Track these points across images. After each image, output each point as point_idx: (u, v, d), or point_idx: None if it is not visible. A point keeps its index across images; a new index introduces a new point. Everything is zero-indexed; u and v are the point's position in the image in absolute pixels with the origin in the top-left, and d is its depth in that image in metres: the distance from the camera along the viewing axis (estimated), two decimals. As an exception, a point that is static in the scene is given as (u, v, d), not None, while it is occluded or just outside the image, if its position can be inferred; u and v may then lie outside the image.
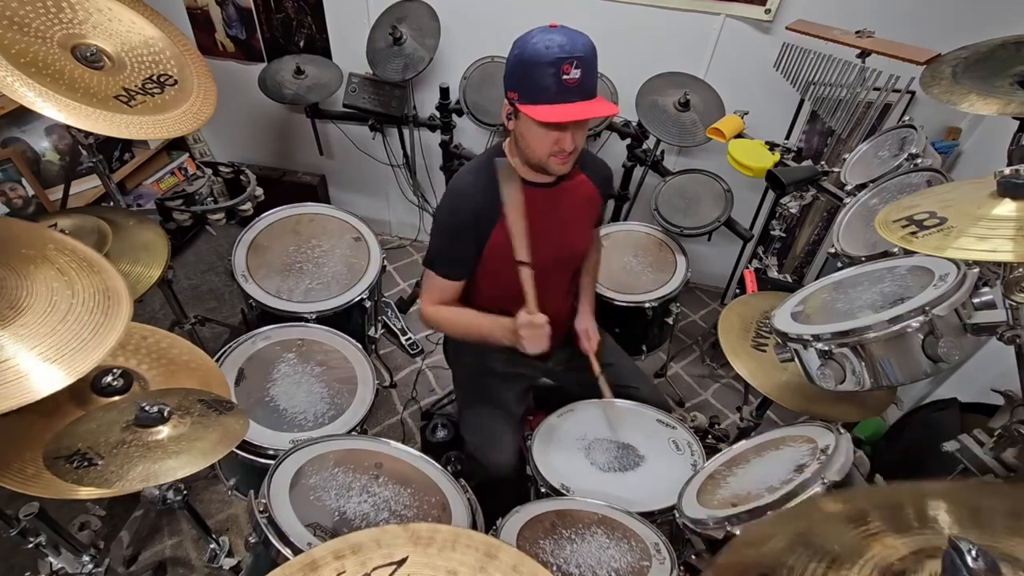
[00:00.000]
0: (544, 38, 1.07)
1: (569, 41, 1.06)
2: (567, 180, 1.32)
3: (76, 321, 0.85)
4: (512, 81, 1.14)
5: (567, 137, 1.15)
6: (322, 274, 1.79)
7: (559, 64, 1.05)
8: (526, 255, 1.18)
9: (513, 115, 1.19)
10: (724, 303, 2.86)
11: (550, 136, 1.15)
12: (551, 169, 1.22)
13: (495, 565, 0.60)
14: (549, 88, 1.08)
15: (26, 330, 0.81)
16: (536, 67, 1.07)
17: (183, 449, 0.94)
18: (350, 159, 2.89)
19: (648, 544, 1.14)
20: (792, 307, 1.19)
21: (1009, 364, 0.94)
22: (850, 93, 1.87)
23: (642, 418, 1.48)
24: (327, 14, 2.45)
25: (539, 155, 1.19)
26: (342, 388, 1.50)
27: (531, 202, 1.29)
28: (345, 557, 0.58)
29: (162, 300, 1.98)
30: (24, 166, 2.11)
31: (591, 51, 1.09)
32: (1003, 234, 0.72)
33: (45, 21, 1.29)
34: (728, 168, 1.99)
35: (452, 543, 0.61)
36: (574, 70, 1.06)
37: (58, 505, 1.06)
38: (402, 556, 0.58)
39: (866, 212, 1.48)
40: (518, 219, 1.17)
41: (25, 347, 0.79)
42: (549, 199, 1.31)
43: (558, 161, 1.19)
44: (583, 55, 1.07)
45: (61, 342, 0.82)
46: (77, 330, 0.84)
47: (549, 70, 1.06)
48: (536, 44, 1.07)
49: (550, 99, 1.09)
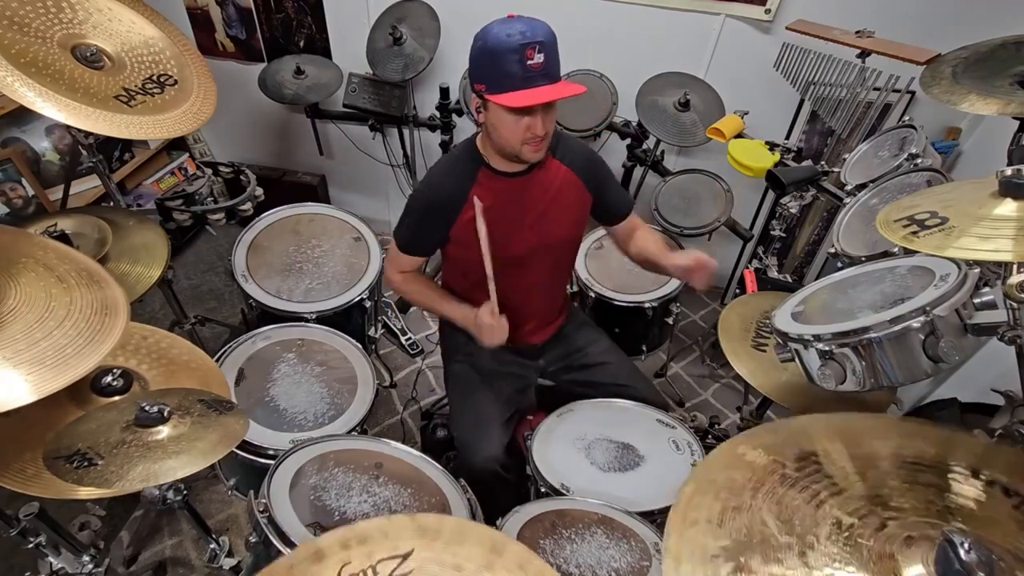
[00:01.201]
0: (504, 28, 1.09)
1: (529, 28, 1.09)
2: (539, 168, 1.33)
3: (65, 333, 0.84)
4: (478, 74, 1.16)
5: (537, 122, 1.16)
6: (322, 274, 1.78)
7: (522, 50, 1.07)
8: (490, 269, 1.26)
9: (482, 107, 1.20)
10: (724, 303, 2.85)
11: (521, 123, 1.16)
12: (525, 156, 1.23)
13: (501, 562, 0.59)
14: (515, 75, 1.10)
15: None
16: (500, 55, 1.09)
17: (183, 449, 0.94)
18: (350, 159, 2.89)
19: (648, 544, 1.14)
20: (792, 307, 1.19)
21: (1009, 364, 0.94)
22: (850, 93, 1.87)
23: (642, 418, 1.48)
24: (327, 14, 2.45)
25: (512, 143, 1.21)
26: (342, 388, 1.50)
27: (504, 192, 1.31)
28: (351, 547, 0.58)
29: (162, 300, 1.98)
30: (24, 166, 2.11)
31: (551, 36, 1.12)
32: (1004, 234, 0.72)
33: (45, 21, 1.29)
34: (728, 168, 1.99)
35: (459, 537, 0.61)
36: (537, 55, 1.09)
37: (58, 505, 1.06)
38: (408, 549, 0.58)
39: (866, 212, 1.48)
40: (484, 239, 1.22)
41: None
42: (521, 188, 1.32)
43: (531, 148, 1.21)
44: (544, 39, 1.09)
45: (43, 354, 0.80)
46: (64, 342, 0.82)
47: (513, 57, 1.08)
48: (497, 34, 1.09)
49: (516, 85, 1.11)
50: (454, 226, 1.34)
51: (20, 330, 0.81)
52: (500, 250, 1.34)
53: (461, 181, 1.31)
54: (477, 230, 1.22)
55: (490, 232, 1.25)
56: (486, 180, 1.31)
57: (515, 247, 1.35)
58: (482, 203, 1.23)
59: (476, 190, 1.29)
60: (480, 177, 1.31)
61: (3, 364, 0.77)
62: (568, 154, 1.37)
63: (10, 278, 0.88)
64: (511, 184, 1.31)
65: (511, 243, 1.34)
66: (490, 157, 1.30)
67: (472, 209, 1.25)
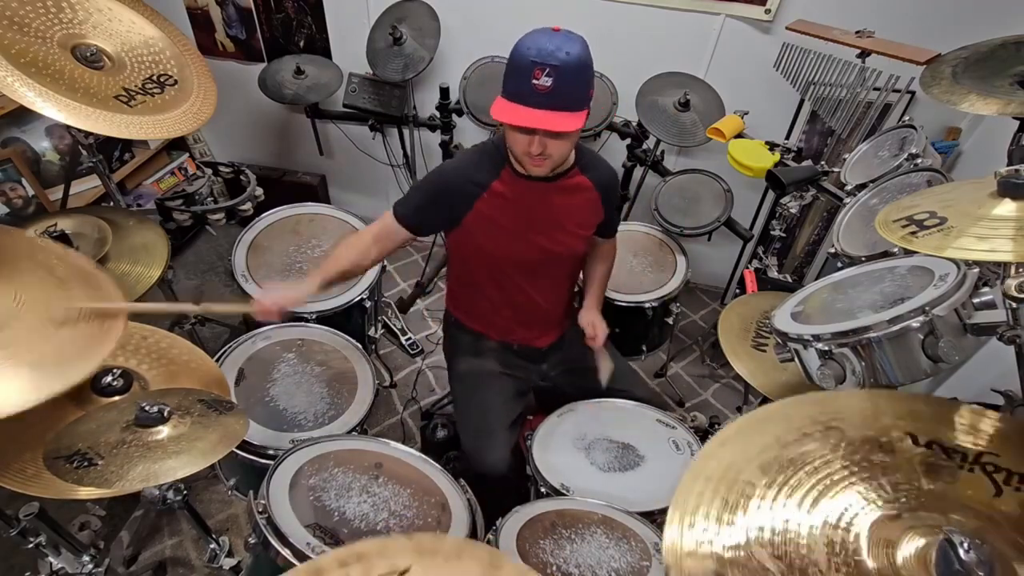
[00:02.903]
0: (531, 40, 1.08)
1: (551, 48, 1.05)
2: (565, 178, 1.33)
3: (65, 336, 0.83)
4: (504, 75, 1.16)
5: (535, 141, 1.14)
6: (322, 274, 1.78)
7: (531, 68, 1.06)
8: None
9: None
10: (724, 303, 2.85)
11: (519, 136, 1.16)
12: (527, 168, 1.24)
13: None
14: (516, 88, 1.09)
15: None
16: (514, 65, 1.09)
17: (183, 449, 0.94)
18: (350, 159, 2.89)
19: (648, 544, 1.14)
20: (792, 307, 1.19)
21: (1009, 364, 0.94)
22: (850, 93, 1.87)
23: (642, 418, 1.48)
24: (327, 14, 2.45)
25: (515, 152, 1.22)
26: (342, 388, 1.50)
27: (523, 194, 1.30)
28: (350, 565, 0.58)
29: (162, 300, 1.97)
30: (24, 166, 2.11)
31: (573, 63, 1.06)
32: (1003, 234, 0.72)
33: (45, 21, 1.29)
34: (728, 168, 1.98)
35: (457, 555, 0.61)
36: (544, 77, 1.06)
37: (58, 505, 1.06)
38: (405, 567, 0.58)
39: (866, 212, 1.48)
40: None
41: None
42: (542, 193, 1.32)
43: (531, 163, 1.20)
44: (559, 64, 1.05)
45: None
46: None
47: (522, 71, 1.07)
48: (522, 43, 1.09)
49: (511, 98, 1.11)
50: (468, 213, 1.32)
51: (21, 333, 0.81)
52: (510, 251, 1.33)
53: (484, 171, 1.30)
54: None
55: (499, 230, 1.25)
56: (508, 177, 1.30)
57: (526, 250, 1.34)
58: (497, 198, 1.24)
59: (496, 184, 1.29)
60: (503, 173, 1.30)
61: (2, 366, 0.77)
62: (594, 170, 1.37)
63: (11, 279, 0.88)
64: (531, 187, 1.30)
65: (522, 245, 1.33)
66: (512, 158, 1.30)
67: (486, 201, 1.26)
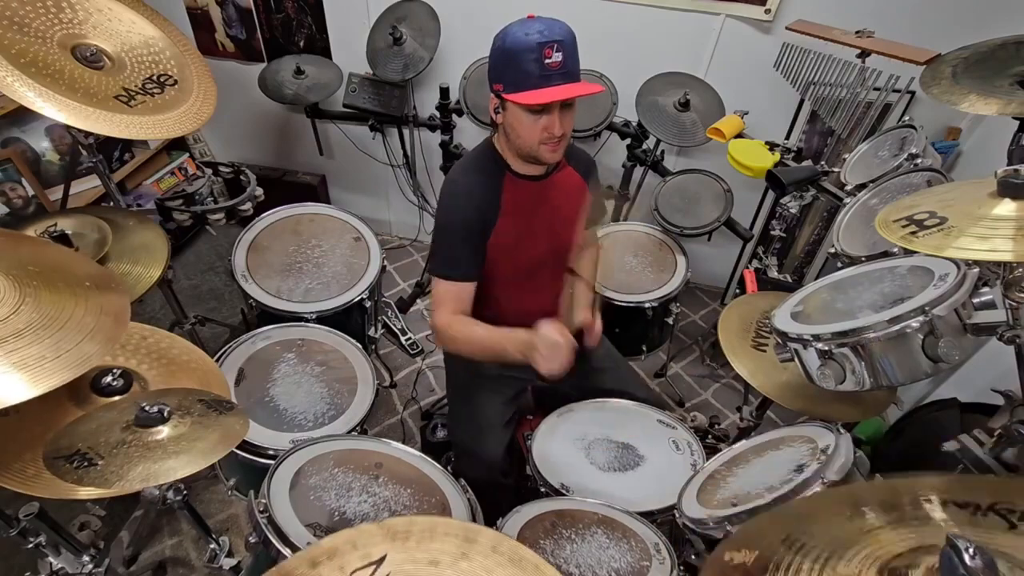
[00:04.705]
0: (523, 27, 1.10)
1: (548, 27, 1.09)
2: (557, 172, 1.33)
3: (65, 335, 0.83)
4: (496, 73, 1.16)
5: (555, 121, 1.15)
6: (322, 274, 1.78)
7: (540, 49, 1.07)
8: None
9: (500, 108, 1.20)
10: (724, 303, 2.86)
11: (539, 122, 1.15)
12: (543, 158, 1.22)
13: (475, 548, 0.59)
14: (532, 73, 1.10)
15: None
16: (518, 54, 1.09)
17: (183, 449, 0.94)
18: (350, 159, 2.89)
19: (648, 544, 1.14)
20: (792, 307, 1.19)
21: (1009, 364, 0.94)
22: (850, 93, 1.86)
23: (642, 418, 1.48)
24: (327, 14, 2.45)
25: (530, 144, 1.20)
26: (342, 388, 1.50)
27: (524, 195, 1.29)
28: (321, 563, 0.57)
29: (162, 300, 1.97)
30: (24, 166, 2.11)
31: (570, 35, 1.12)
32: (1003, 234, 0.72)
33: (45, 21, 1.28)
34: (728, 168, 1.98)
35: (429, 534, 0.61)
36: (555, 53, 1.09)
37: (58, 505, 1.06)
38: (380, 555, 0.58)
39: (866, 212, 1.48)
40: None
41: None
42: (540, 191, 1.32)
43: (548, 149, 1.20)
44: (562, 39, 1.09)
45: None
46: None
47: (531, 56, 1.08)
48: (516, 33, 1.10)
49: (534, 84, 1.11)
50: (491, 237, 1.29)
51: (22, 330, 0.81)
52: (521, 257, 1.32)
53: (489, 190, 1.27)
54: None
55: (514, 242, 1.23)
56: (511, 185, 1.29)
57: (533, 251, 1.34)
58: (508, 215, 1.22)
59: (505, 197, 1.28)
60: (506, 183, 1.28)
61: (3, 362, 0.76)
62: (575, 159, 1.38)
63: (10, 279, 0.88)
64: (532, 188, 1.30)
65: (530, 248, 1.33)
66: (511, 160, 1.28)
67: (503, 219, 1.24)
